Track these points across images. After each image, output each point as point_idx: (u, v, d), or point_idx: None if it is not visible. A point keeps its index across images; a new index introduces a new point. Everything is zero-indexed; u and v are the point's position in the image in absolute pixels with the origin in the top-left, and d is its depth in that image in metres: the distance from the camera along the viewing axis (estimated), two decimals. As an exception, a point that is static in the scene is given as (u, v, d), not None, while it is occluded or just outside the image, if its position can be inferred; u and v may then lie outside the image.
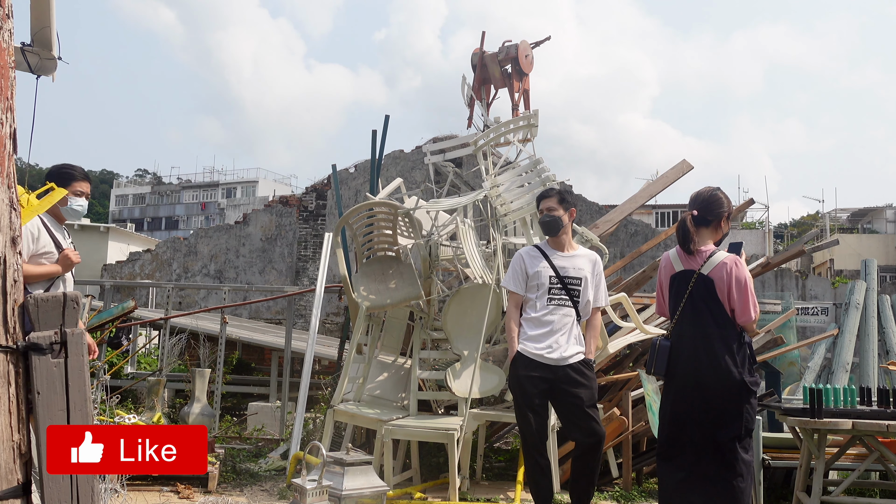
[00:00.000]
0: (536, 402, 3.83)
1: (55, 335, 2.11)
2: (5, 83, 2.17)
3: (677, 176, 6.73)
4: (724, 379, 3.28)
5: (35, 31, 3.75)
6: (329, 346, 10.07)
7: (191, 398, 5.79)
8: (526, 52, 7.00)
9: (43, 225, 3.77)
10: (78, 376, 2.13)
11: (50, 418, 2.07)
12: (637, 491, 5.02)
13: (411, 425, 4.74)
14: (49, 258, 3.74)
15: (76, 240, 4.22)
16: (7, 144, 2.15)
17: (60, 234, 3.86)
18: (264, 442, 6.61)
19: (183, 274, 15.69)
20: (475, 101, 6.97)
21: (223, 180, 64.39)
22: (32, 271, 3.66)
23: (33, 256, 3.70)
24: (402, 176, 11.20)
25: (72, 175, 3.91)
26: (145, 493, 4.63)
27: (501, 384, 4.87)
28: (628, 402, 5.20)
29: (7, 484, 2.00)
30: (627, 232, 14.60)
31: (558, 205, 3.99)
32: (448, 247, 5.69)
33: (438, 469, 5.33)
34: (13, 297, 2.12)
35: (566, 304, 3.91)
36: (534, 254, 4.02)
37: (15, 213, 2.17)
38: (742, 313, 3.33)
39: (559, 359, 3.82)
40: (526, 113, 5.95)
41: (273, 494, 4.82)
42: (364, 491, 2.90)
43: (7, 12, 2.22)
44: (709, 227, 3.49)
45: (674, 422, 3.40)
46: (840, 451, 4.22)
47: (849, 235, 33.21)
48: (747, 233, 28.80)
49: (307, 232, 15.44)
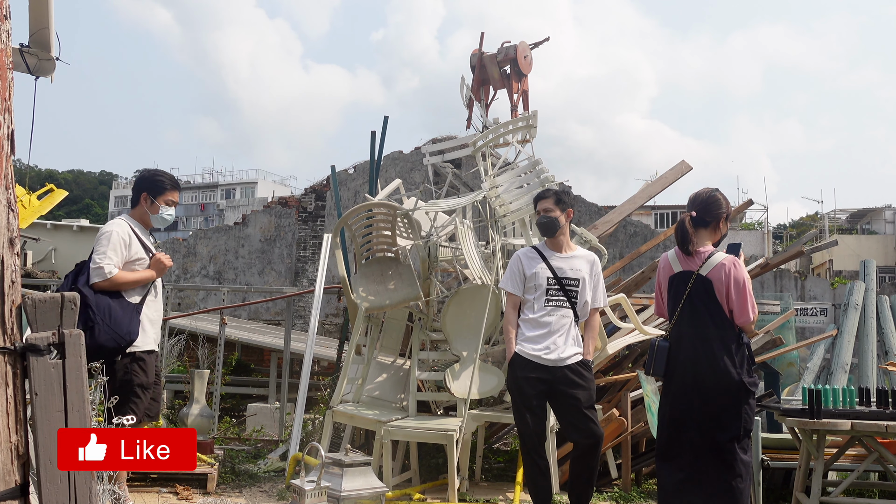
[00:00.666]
0: (535, 403, 3.83)
1: (53, 336, 2.11)
2: (3, 84, 2.16)
3: (676, 177, 6.73)
4: (722, 379, 3.28)
5: (33, 32, 3.75)
6: (328, 346, 10.08)
7: (190, 399, 5.79)
8: (525, 53, 7.00)
9: (132, 231, 3.86)
10: (76, 377, 2.12)
11: (48, 419, 2.07)
12: (636, 492, 5.02)
13: (410, 426, 4.74)
14: (141, 264, 3.84)
15: (74, 241, 4.25)
16: (5, 146, 2.15)
17: (149, 241, 3.97)
18: (263, 443, 6.61)
19: (182, 275, 15.69)
20: (474, 102, 6.97)
21: (222, 181, 64.40)
22: (128, 278, 3.76)
23: (127, 263, 3.79)
24: (401, 177, 11.20)
25: (163, 186, 4.00)
26: (144, 494, 4.62)
27: (500, 385, 4.87)
28: (627, 402, 5.20)
29: (5, 485, 2.00)
30: (626, 233, 14.60)
31: (555, 206, 3.99)
32: (447, 248, 5.68)
33: (437, 470, 5.33)
34: (11, 298, 2.12)
35: (564, 306, 3.91)
36: (531, 255, 4.02)
37: (13, 215, 2.17)
38: (741, 314, 3.34)
39: (557, 360, 3.82)
40: (525, 114, 5.95)
41: (272, 495, 4.82)
42: (363, 492, 2.89)
43: (5, 13, 2.22)
44: (707, 228, 3.49)
45: (673, 423, 3.40)
46: (839, 452, 4.22)
47: (848, 236, 33.24)
48: (746, 233, 28.82)
49: (306, 233, 15.44)
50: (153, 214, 3.98)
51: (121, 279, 3.70)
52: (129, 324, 3.65)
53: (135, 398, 3.71)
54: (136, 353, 3.74)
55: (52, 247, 18.57)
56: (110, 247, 3.71)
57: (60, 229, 19.68)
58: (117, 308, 3.64)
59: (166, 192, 4.00)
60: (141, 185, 4.00)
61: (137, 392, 3.73)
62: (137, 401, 3.72)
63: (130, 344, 3.66)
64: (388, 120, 6.63)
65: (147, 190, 3.96)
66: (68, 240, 19.46)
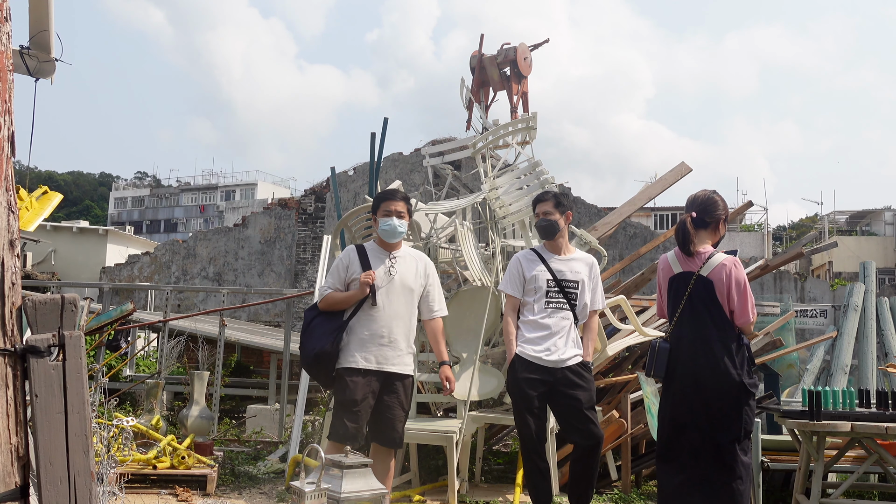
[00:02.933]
0: (535, 405, 3.83)
1: (53, 338, 2.11)
2: (3, 86, 2.17)
3: (676, 178, 6.73)
4: (723, 381, 3.29)
5: (34, 35, 3.75)
6: (328, 348, 10.03)
7: (189, 401, 5.78)
8: (525, 55, 7.00)
9: (358, 253, 3.82)
10: (76, 379, 2.12)
11: (48, 421, 2.07)
12: (636, 493, 5.01)
13: (410, 428, 4.72)
14: (354, 284, 3.76)
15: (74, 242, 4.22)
16: (5, 147, 2.15)
17: (378, 259, 3.82)
18: (263, 444, 6.60)
19: (182, 276, 15.69)
20: (474, 103, 6.97)
21: (222, 183, 64.40)
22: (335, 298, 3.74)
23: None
24: (401, 178, 11.21)
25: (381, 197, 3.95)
26: (144, 496, 4.62)
27: (500, 386, 4.87)
28: (627, 404, 5.20)
29: (5, 487, 1.99)
30: (626, 234, 14.61)
31: (554, 209, 4.00)
32: (447, 249, 5.69)
33: (437, 472, 5.33)
34: (11, 300, 2.12)
35: (563, 308, 3.91)
36: (531, 257, 4.02)
37: (13, 216, 2.17)
38: (741, 314, 3.34)
39: (557, 361, 3.82)
40: (524, 115, 5.96)
41: (272, 497, 4.82)
42: (363, 494, 2.89)
43: (5, 15, 2.22)
44: (707, 229, 3.50)
45: (673, 424, 3.40)
46: (839, 454, 4.22)
47: (847, 238, 33.24)
48: (746, 235, 28.82)
49: (306, 234, 15.44)
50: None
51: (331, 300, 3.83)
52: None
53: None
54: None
55: (51, 248, 18.58)
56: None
57: (60, 231, 19.69)
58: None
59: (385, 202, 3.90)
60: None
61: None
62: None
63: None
64: (387, 122, 6.63)
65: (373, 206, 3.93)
66: (68, 241, 19.47)
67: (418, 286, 3.83)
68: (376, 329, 3.68)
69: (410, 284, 3.79)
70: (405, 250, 3.91)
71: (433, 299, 3.88)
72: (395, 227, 3.78)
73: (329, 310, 3.75)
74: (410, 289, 3.79)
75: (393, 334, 3.69)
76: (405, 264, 3.82)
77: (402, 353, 3.71)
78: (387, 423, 3.69)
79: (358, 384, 3.62)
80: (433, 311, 3.88)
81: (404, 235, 3.89)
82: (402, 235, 3.85)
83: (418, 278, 3.83)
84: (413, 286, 3.80)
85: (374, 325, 3.68)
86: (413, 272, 3.82)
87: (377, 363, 3.66)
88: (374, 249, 3.85)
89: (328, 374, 3.71)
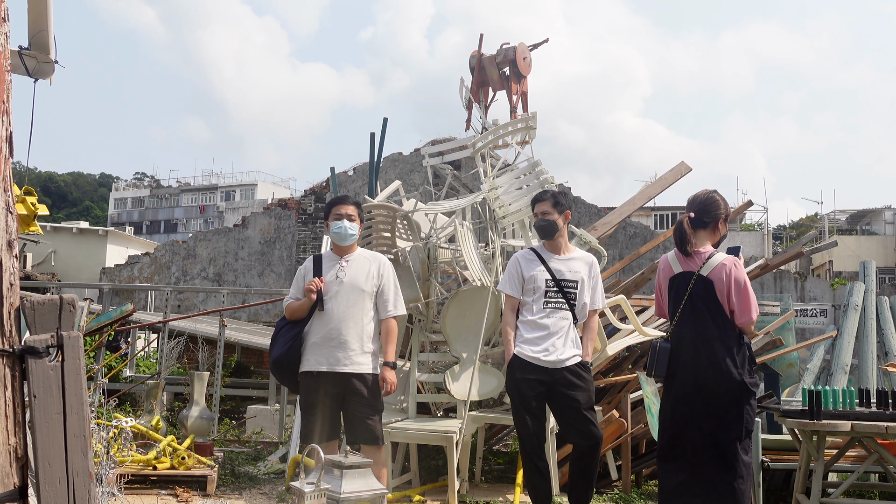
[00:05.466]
0: (534, 405, 3.82)
1: (52, 338, 2.11)
2: (2, 87, 2.16)
3: (675, 178, 6.73)
4: (724, 380, 3.28)
5: (33, 35, 3.75)
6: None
7: (189, 401, 5.78)
8: (524, 55, 7.00)
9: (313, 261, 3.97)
10: (74, 379, 2.12)
11: (46, 421, 2.07)
12: (636, 493, 5.01)
13: (410, 428, 4.73)
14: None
15: (74, 243, 4.20)
16: (3, 148, 2.15)
17: (330, 264, 3.97)
18: (263, 445, 6.60)
19: (182, 277, 15.69)
20: (473, 103, 6.97)
21: (222, 183, 64.38)
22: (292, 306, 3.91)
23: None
24: (401, 178, 11.21)
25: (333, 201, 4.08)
26: (143, 496, 4.62)
27: (500, 387, 4.86)
28: (627, 404, 5.19)
29: (4, 488, 1.99)
30: (626, 234, 14.61)
31: (553, 208, 3.99)
32: (447, 249, 5.68)
33: (437, 472, 5.33)
34: (9, 301, 2.12)
35: (563, 307, 3.91)
36: (530, 257, 4.02)
37: (11, 217, 2.17)
38: (742, 314, 3.34)
39: (556, 361, 3.82)
40: (524, 115, 5.95)
41: (272, 497, 4.82)
42: (363, 494, 2.89)
43: (4, 15, 2.22)
44: (706, 228, 3.50)
45: (674, 424, 3.40)
46: (839, 453, 4.22)
47: (847, 237, 33.24)
48: (746, 234, 28.82)
49: (306, 234, 15.44)
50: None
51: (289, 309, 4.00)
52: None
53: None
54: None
55: (51, 249, 18.58)
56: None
57: (60, 231, 19.69)
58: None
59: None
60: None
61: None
62: None
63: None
64: (387, 122, 6.63)
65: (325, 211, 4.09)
66: (68, 242, 19.47)
67: (370, 287, 3.92)
68: (326, 332, 3.81)
69: (361, 286, 3.88)
70: (359, 253, 4.03)
71: (387, 299, 3.95)
72: (346, 230, 3.92)
73: (293, 318, 3.91)
74: (361, 290, 3.88)
75: (342, 336, 3.80)
76: (357, 266, 3.93)
77: (353, 353, 3.80)
78: (358, 421, 3.81)
79: (310, 387, 3.81)
80: (387, 311, 3.95)
81: (356, 238, 4.00)
82: (354, 238, 3.97)
83: (370, 279, 3.92)
84: (364, 287, 3.89)
85: (325, 328, 3.82)
86: (365, 273, 3.92)
87: (329, 365, 3.79)
88: (328, 256, 4.01)
89: (291, 379, 3.91)
